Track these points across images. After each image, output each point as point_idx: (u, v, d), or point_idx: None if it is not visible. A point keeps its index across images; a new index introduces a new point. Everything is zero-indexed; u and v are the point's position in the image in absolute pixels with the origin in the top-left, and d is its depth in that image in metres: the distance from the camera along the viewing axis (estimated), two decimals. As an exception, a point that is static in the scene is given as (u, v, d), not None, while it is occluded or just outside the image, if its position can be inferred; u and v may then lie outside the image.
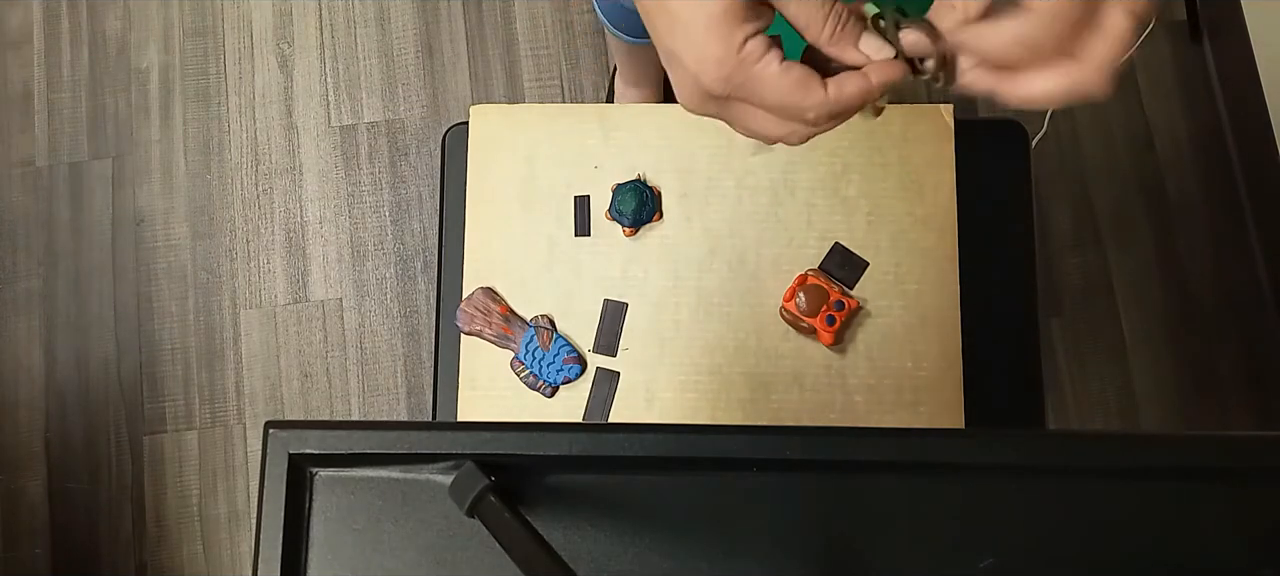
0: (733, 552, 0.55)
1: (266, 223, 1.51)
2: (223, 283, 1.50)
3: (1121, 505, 0.55)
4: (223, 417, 1.47)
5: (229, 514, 1.44)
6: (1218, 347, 1.47)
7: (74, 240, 1.51)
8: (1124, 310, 1.48)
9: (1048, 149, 1.51)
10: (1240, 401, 1.46)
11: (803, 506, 0.55)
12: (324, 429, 0.54)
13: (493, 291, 0.88)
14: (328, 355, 1.48)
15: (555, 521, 0.55)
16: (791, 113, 0.43)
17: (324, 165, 1.52)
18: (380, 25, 1.56)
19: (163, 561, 1.43)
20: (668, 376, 0.87)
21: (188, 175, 1.53)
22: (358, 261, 1.50)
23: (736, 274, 0.88)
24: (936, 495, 0.55)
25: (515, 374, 0.87)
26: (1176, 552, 0.54)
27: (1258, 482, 0.55)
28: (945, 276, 0.88)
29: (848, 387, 0.86)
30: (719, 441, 0.54)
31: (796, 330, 0.87)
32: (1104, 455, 0.56)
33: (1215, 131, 1.52)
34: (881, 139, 0.90)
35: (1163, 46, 1.55)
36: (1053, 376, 1.45)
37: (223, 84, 1.55)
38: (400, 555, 0.55)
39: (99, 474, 1.45)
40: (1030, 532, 0.55)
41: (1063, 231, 1.50)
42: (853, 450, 0.55)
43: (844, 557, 0.55)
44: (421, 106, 1.54)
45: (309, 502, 0.55)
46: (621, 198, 0.88)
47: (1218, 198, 1.50)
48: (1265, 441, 0.56)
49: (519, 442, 0.54)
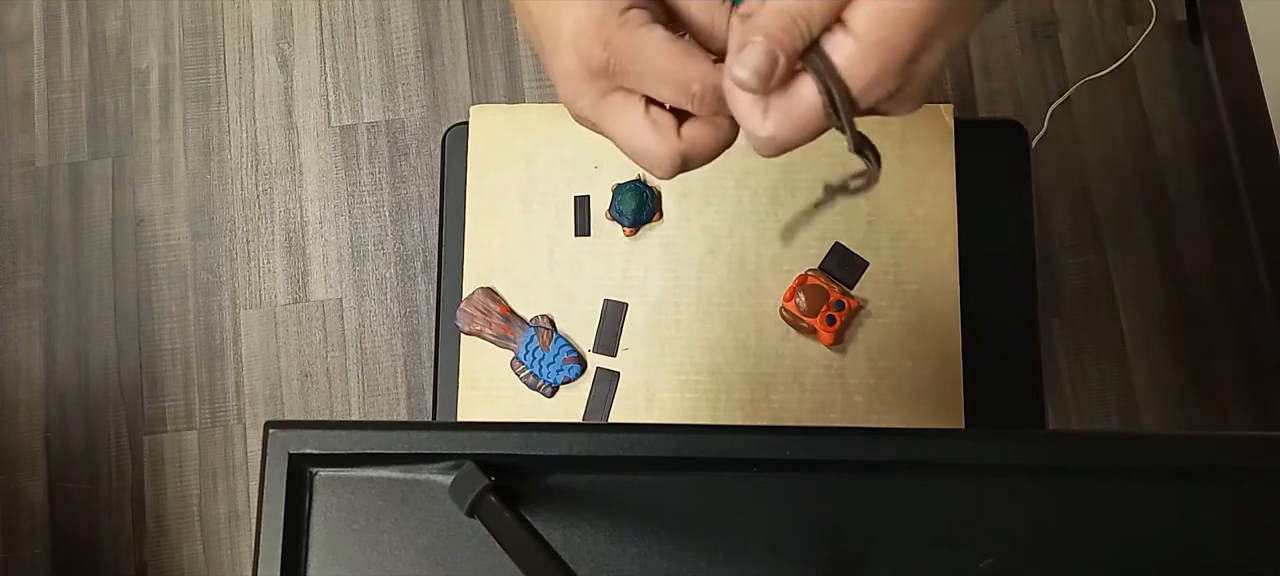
0: (733, 552, 0.55)
1: (266, 223, 1.51)
2: (223, 283, 1.50)
3: (1121, 505, 0.55)
4: (223, 417, 1.47)
5: (229, 514, 1.44)
6: (1218, 347, 1.47)
7: (74, 240, 1.51)
8: (1124, 310, 1.48)
9: (1048, 149, 1.51)
10: (1240, 401, 1.46)
11: (803, 506, 0.55)
12: (324, 429, 0.54)
13: (493, 291, 0.88)
14: (328, 355, 1.48)
15: (555, 521, 0.55)
16: (677, 83, 0.40)
17: (324, 165, 1.52)
18: (380, 25, 1.56)
19: (163, 561, 1.43)
20: (668, 376, 0.87)
21: (188, 175, 1.53)
22: (358, 261, 1.50)
23: (736, 274, 0.88)
24: (936, 495, 0.55)
25: (515, 374, 0.87)
26: (1176, 552, 0.54)
27: (1258, 482, 0.55)
28: (945, 276, 0.88)
29: (848, 387, 0.86)
30: (719, 441, 0.54)
31: (796, 330, 0.87)
32: (1104, 455, 0.56)
33: (1215, 131, 1.52)
34: (881, 139, 0.90)
35: (1163, 46, 1.55)
36: (1053, 376, 1.45)
37: (223, 84, 1.55)
38: (400, 555, 0.55)
39: (99, 474, 1.45)
40: (1030, 532, 0.55)
41: (1063, 231, 1.50)
42: (853, 450, 0.55)
43: (844, 557, 0.55)
44: (421, 106, 1.54)
45: (309, 502, 0.55)
46: (621, 198, 0.88)
47: (1218, 198, 1.50)
48: (1265, 441, 0.56)
49: (519, 442, 0.54)
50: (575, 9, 0.40)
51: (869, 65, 0.37)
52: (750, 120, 0.39)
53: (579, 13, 0.40)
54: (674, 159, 0.42)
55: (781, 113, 0.39)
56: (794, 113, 0.39)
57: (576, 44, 0.40)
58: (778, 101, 0.39)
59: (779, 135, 0.40)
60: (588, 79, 0.41)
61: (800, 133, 0.40)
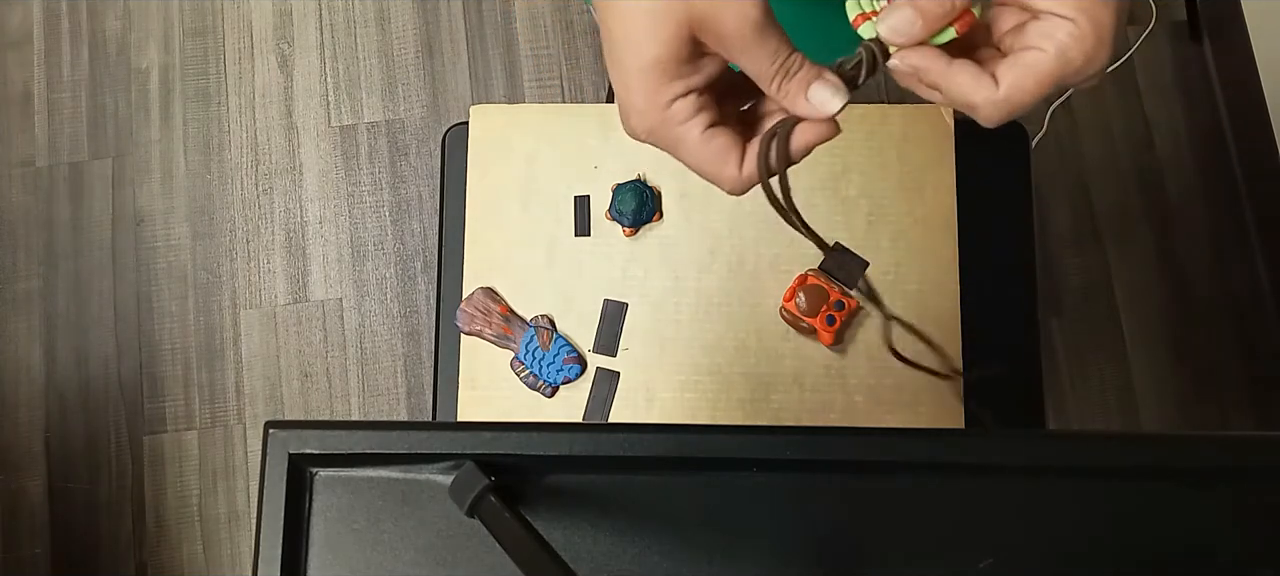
0: (733, 552, 0.55)
1: (266, 223, 1.51)
2: (223, 283, 1.50)
3: (1121, 505, 0.55)
4: (223, 417, 1.47)
5: (229, 514, 1.44)
6: (1218, 348, 1.47)
7: (74, 240, 1.51)
8: (1124, 310, 1.48)
9: (1048, 149, 1.51)
10: (1240, 401, 1.46)
11: (803, 506, 0.55)
12: (324, 429, 0.54)
13: (493, 291, 0.88)
14: (328, 355, 1.48)
15: (555, 521, 0.55)
16: (708, 178, 0.43)
17: (324, 165, 1.52)
18: (380, 25, 1.56)
19: (163, 561, 1.43)
20: (668, 376, 0.87)
21: (188, 175, 1.53)
22: (358, 261, 1.50)
23: (736, 274, 0.88)
24: (936, 495, 0.55)
25: (515, 374, 0.87)
26: (1176, 552, 0.54)
27: (1258, 482, 0.55)
28: (945, 276, 0.88)
29: (848, 387, 0.86)
30: (719, 441, 0.54)
31: (796, 330, 0.87)
32: (1104, 455, 0.56)
33: (1215, 131, 1.52)
34: (881, 139, 0.90)
35: (1163, 46, 1.55)
36: (1053, 376, 1.45)
37: (223, 84, 1.55)
38: (400, 555, 0.55)
39: (99, 474, 1.45)
40: (1030, 532, 0.55)
41: (1063, 231, 1.50)
42: (853, 450, 0.55)
43: (844, 557, 0.55)
44: (421, 106, 1.54)
45: (309, 502, 0.55)
46: (621, 198, 0.88)
47: (1218, 198, 1.50)
48: (1265, 441, 0.56)
49: (519, 442, 0.54)
50: (624, 88, 0.42)
51: (1086, 40, 0.40)
52: (976, 92, 0.42)
53: (627, 96, 0.42)
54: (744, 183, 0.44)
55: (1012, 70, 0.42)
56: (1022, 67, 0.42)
57: (627, 120, 0.42)
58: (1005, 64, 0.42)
59: (1012, 98, 0.42)
60: (644, 128, 0.43)
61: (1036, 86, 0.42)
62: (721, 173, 0.42)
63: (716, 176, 0.42)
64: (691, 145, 0.42)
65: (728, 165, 0.42)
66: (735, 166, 0.42)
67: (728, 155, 0.42)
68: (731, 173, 0.42)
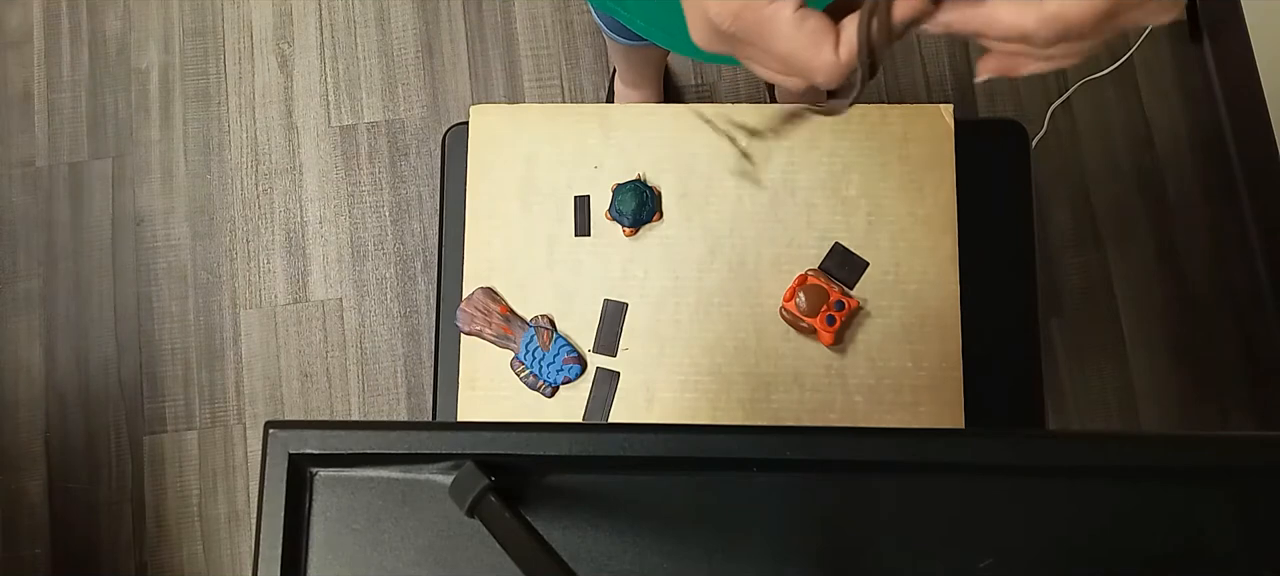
0: (733, 552, 0.55)
1: (266, 223, 1.51)
2: (223, 282, 1.50)
3: (1121, 505, 0.55)
4: (223, 418, 1.47)
5: (229, 514, 1.44)
6: (1218, 347, 1.47)
7: (74, 240, 1.51)
8: (1124, 310, 1.48)
9: (1048, 149, 1.51)
10: (1240, 401, 1.46)
11: (803, 506, 0.55)
12: (324, 429, 0.54)
13: (493, 291, 0.88)
14: (328, 355, 1.48)
15: (555, 521, 0.55)
16: (799, 70, 0.39)
17: (324, 165, 1.52)
18: (380, 25, 1.56)
19: (163, 561, 1.43)
20: (668, 376, 0.87)
21: (188, 175, 1.53)
22: (358, 261, 1.50)
23: (736, 274, 0.88)
24: (936, 495, 0.55)
25: (515, 374, 0.87)
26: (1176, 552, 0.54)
27: (1258, 482, 0.55)
28: (945, 276, 0.88)
29: (848, 387, 0.86)
30: (719, 441, 0.54)
31: (796, 330, 0.87)
32: (1104, 455, 0.56)
33: (1215, 131, 1.52)
34: (881, 139, 0.90)
35: (1163, 46, 1.55)
36: (1053, 376, 1.45)
37: (223, 84, 1.55)
38: (400, 555, 0.55)
39: (99, 474, 1.45)
40: (1030, 532, 0.55)
41: (1063, 231, 1.50)
42: (853, 450, 0.55)
43: (844, 557, 0.55)
44: (421, 106, 1.54)
45: (309, 502, 0.55)
46: (621, 198, 0.88)
47: (1218, 198, 1.50)
48: (1265, 441, 0.56)
49: (519, 442, 0.54)
50: None
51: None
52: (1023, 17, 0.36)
53: None
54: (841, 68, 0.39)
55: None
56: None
57: (706, 15, 0.39)
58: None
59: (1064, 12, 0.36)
60: (719, 38, 0.40)
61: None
62: (816, 58, 0.38)
63: (810, 63, 0.38)
64: (784, 27, 0.38)
65: (823, 49, 0.38)
66: (831, 49, 0.38)
67: (823, 38, 0.38)
68: (827, 57, 0.38)
